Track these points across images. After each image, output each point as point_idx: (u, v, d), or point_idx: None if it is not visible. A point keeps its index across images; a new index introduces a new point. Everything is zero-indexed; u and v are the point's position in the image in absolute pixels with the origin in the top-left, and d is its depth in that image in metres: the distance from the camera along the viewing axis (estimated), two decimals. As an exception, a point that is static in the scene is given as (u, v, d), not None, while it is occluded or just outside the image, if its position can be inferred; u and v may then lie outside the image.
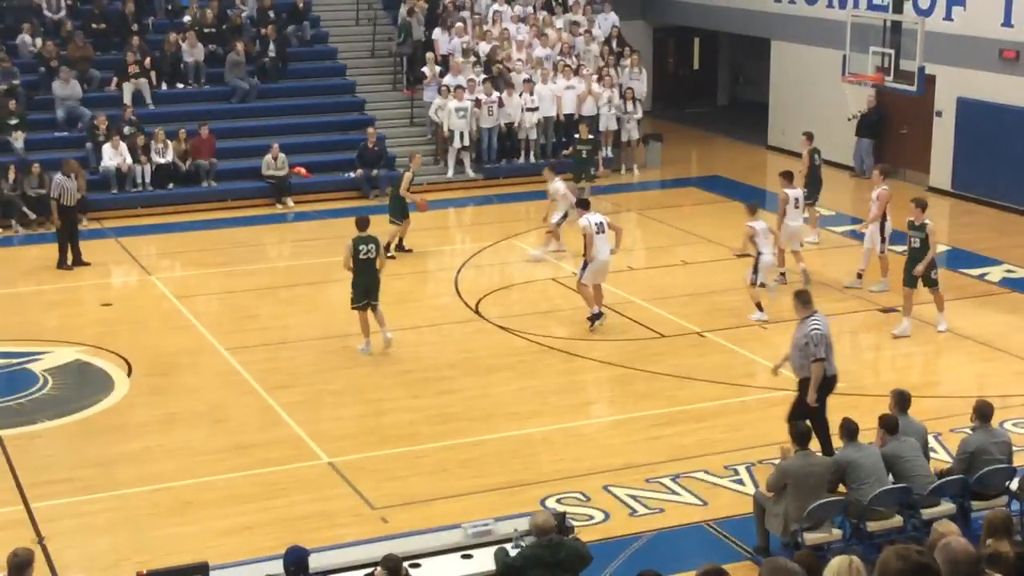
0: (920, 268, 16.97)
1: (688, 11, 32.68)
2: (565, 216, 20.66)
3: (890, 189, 19.17)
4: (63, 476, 13.56)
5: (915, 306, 17.45)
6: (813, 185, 21.62)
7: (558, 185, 21.04)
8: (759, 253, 17.72)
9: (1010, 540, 8.67)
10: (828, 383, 13.00)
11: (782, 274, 19.43)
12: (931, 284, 17.18)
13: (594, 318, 17.68)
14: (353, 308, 16.81)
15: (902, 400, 12.04)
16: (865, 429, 11.72)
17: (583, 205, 18.34)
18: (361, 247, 16.63)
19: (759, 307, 17.83)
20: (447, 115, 26.00)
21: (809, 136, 22.23)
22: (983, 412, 11.91)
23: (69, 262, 20.98)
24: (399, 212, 21.17)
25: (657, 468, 13.47)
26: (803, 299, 13.15)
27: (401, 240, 21.40)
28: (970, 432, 12.04)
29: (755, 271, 17.79)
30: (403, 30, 28.31)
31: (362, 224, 16.92)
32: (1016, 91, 23.49)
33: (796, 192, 19.63)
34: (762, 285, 17.92)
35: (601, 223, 17.60)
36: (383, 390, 15.82)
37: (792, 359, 13.16)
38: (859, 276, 19.49)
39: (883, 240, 19.05)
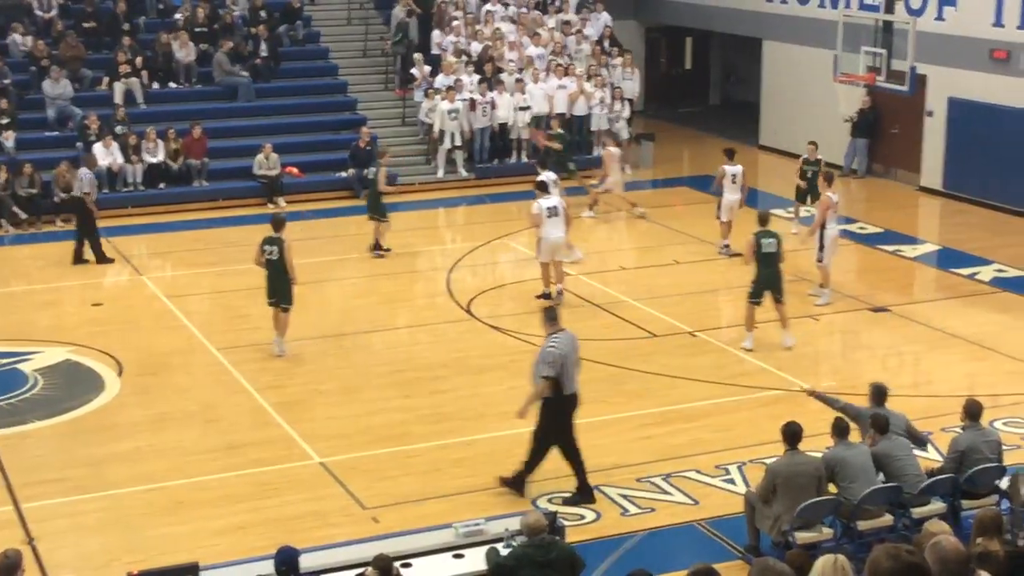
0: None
1: (680, 11, 32.70)
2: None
3: (836, 196, 18.71)
4: (54, 476, 13.54)
5: (909, 305, 17.46)
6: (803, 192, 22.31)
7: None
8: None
9: (1000, 539, 8.69)
10: (566, 403, 12.62)
11: (726, 246, 20.89)
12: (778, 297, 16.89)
13: (543, 296, 18.47)
14: (268, 304, 16.93)
15: (879, 394, 12.07)
16: (855, 428, 11.75)
17: (541, 187, 18.96)
18: (265, 248, 16.63)
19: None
20: (439, 116, 26.00)
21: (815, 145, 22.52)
22: (973, 411, 11.94)
23: (85, 257, 21.13)
24: (379, 210, 21.16)
25: (648, 467, 13.48)
26: (548, 316, 12.94)
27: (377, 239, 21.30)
28: (960, 431, 12.06)
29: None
30: (400, 30, 28.28)
31: (274, 225, 16.86)
32: (1007, 91, 23.53)
33: (735, 168, 20.95)
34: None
35: (554, 207, 18.45)
36: (375, 390, 15.81)
37: (533, 374, 12.81)
38: (821, 286, 18.90)
39: (820, 248, 18.42)
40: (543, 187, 19.00)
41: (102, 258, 21.17)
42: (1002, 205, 23.82)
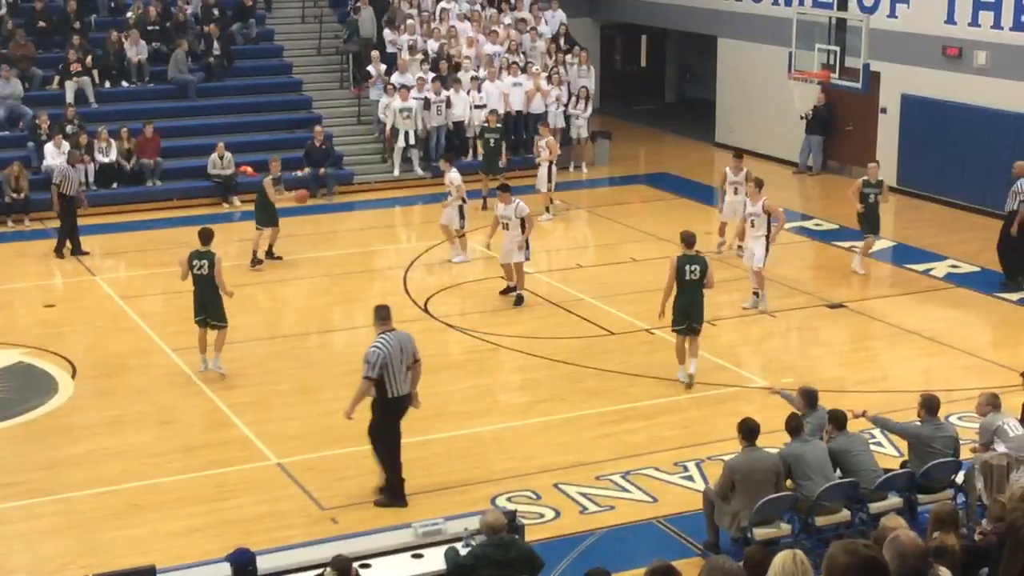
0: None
1: (636, 8, 32.76)
2: (463, 215, 20.57)
3: (774, 203, 18.45)
4: (7, 480, 13.37)
5: (865, 301, 17.49)
6: (866, 220, 20.22)
7: (454, 176, 20.79)
8: None
9: (956, 533, 8.76)
10: (394, 405, 12.42)
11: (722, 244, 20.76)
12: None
13: (505, 291, 18.90)
14: (195, 322, 16.11)
15: (810, 398, 12.13)
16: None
17: (505, 189, 19.01)
18: (195, 262, 15.84)
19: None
20: (391, 114, 25.91)
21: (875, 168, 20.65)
22: (931, 406, 12.03)
23: (64, 250, 21.27)
24: (265, 218, 20.64)
25: (607, 465, 13.48)
26: (378, 315, 12.68)
27: (271, 247, 20.86)
28: (918, 425, 12.15)
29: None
30: (350, 27, 28.18)
31: (202, 238, 16.05)
32: (959, 87, 23.73)
33: (738, 175, 21.01)
34: None
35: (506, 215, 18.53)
36: (332, 390, 15.70)
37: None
38: (756, 295, 18.42)
39: (766, 254, 18.15)
40: (505, 188, 19.07)
41: (58, 249, 21.28)
42: (955, 201, 24.02)
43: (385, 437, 12.58)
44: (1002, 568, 6.32)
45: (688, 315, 15.38)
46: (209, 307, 15.92)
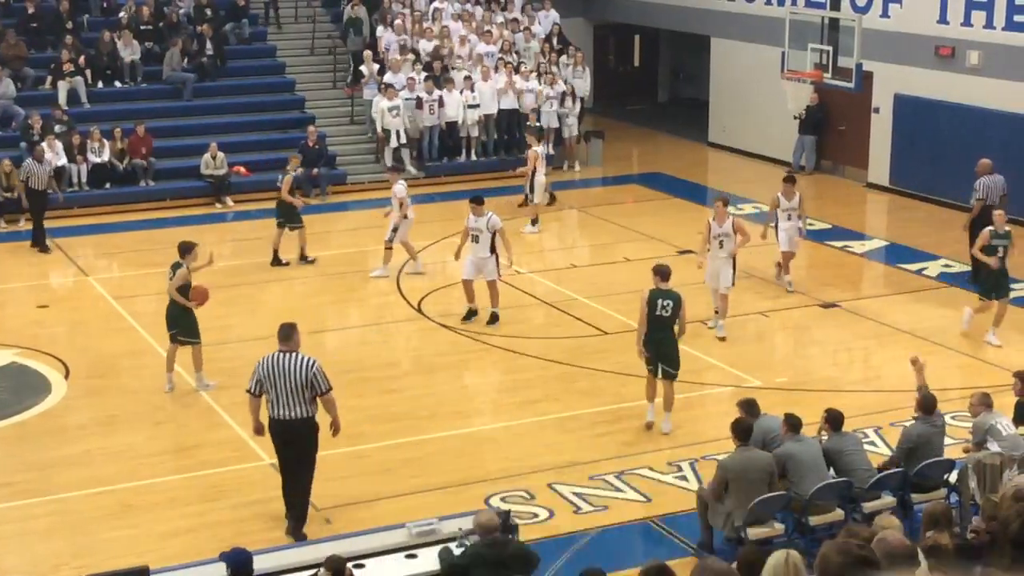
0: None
1: (628, 8, 32.77)
2: (395, 230, 19.95)
3: (740, 220, 17.62)
4: (0, 480, 13.35)
5: (858, 300, 17.52)
6: (990, 278, 17.07)
7: (399, 188, 20.21)
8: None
9: (950, 532, 8.77)
10: (273, 426, 11.88)
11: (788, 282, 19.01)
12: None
13: (467, 316, 17.97)
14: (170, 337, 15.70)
15: (750, 408, 11.95)
16: (808, 423, 11.82)
17: (477, 201, 17.90)
18: (168, 272, 15.63)
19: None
20: (380, 114, 25.90)
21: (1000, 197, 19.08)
22: (928, 405, 12.07)
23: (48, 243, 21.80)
24: (291, 217, 20.68)
25: (601, 465, 13.49)
26: (279, 333, 12.07)
27: (303, 250, 20.81)
28: (913, 422, 12.19)
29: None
30: (348, 25, 28.13)
31: (180, 250, 15.69)
32: (952, 87, 23.75)
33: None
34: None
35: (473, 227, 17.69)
36: (325, 390, 15.69)
37: None
38: (716, 312, 17.42)
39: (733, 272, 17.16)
40: (478, 200, 18.00)
41: (39, 243, 21.78)
42: (948, 201, 24.02)
43: (277, 456, 12.14)
44: (993, 562, 6.35)
45: (659, 355, 14.05)
46: (180, 321, 15.46)
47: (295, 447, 11.96)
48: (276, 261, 20.60)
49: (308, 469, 12.09)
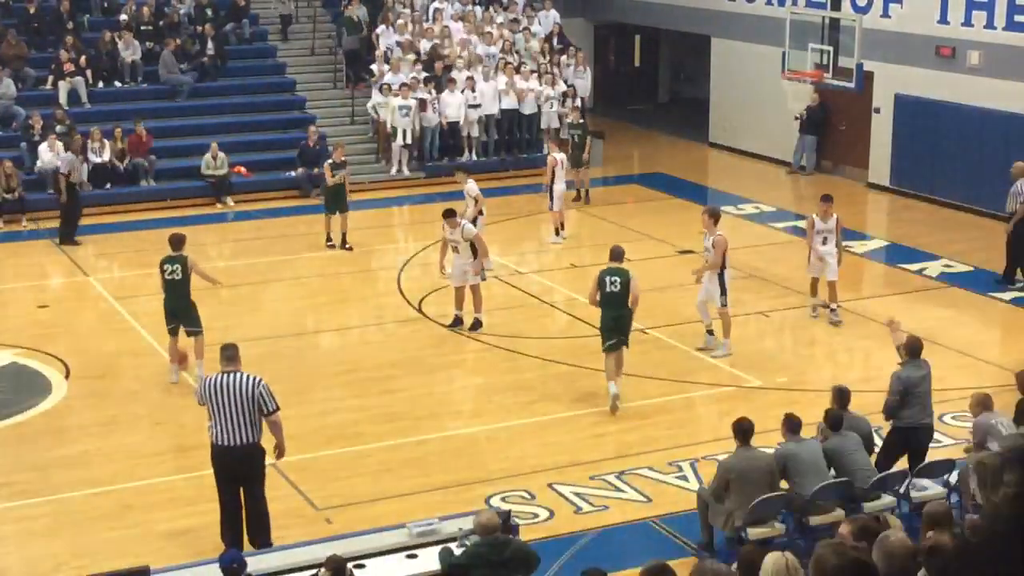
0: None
1: (629, 8, 32.77)
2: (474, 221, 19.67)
3: (726, 235, 16.77)
4: (0, 480, 13.35)
5: (858, 300, 17.49)
6: None
7: (471, 186, 20.33)
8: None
9: (950, 532, 8.75)
10: (215, 453, 11.33)
11: (832, 310, 18.06)
12: None
13: (453, 324, 17.79)
14: (168, 330, 15.74)
15: (842, 396, 12.15)
16: (807, 423, 11.81)
17: (450, 214, 17.49)
18: (166, 267, 15.49)
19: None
20: (390, 113, 25.88)
21: None
22: (914, 348, 12.30)
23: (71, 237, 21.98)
24: (334, 204, 21.25)
25: (601, 465, 13.48)
26: (222, 353, 11.64)
27: (344, 237, 21.25)
28: (899, 367, 12.31)
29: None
30: (347, 24, 28.13)
31: (173, 243, 15.64)
32: (952, 87, 23.75)
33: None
34: None
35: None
36: (326, 390, 15.71)
37: None
38: (710, 333, 16.79)
39: (723, 292, 16.37)
40: (451, 213, 17.57)
41: (69, 237, 22.09)
42: (949, 201, 24.04)
43: (218, 485, 11.50)
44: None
45: (616, 330, 14.76)
46: (181, 314, 15.52)
47: (244, 480, 11.42)
48: (331, 244, 21.37)
49: (259, 500, 11.53)
